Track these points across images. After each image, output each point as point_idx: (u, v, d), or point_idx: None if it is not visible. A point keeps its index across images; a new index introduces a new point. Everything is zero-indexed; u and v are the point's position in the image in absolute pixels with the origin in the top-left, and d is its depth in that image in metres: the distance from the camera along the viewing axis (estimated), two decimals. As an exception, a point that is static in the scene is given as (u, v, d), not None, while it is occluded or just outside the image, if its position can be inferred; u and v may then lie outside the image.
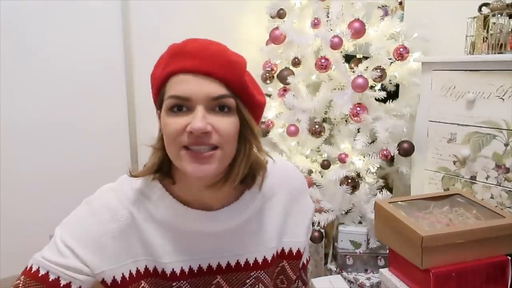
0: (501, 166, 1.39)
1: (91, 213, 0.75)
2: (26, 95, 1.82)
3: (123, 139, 2.12)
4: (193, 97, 0.67)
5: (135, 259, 0.75)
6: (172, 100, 0.68)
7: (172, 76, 0.69)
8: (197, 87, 0.67)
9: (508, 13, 1.42)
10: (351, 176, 1.70)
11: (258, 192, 0.80)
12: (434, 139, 1.59)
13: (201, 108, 0.66)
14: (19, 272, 0.81)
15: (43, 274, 0.73)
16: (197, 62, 0.68)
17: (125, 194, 0.77)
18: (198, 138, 0.65)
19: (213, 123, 0.66)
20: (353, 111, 1.72)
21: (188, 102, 0.67)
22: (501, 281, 1.22)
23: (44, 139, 1.89)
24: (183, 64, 0.68)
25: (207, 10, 2.31)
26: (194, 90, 0.67)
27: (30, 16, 1.80)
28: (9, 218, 1.82)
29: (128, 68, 2.07)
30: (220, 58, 0.69)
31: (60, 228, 0.77)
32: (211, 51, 0.70)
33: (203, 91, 0.67)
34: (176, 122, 0.67)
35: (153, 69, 0.76)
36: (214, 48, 0.71)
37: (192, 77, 0.67)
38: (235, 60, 0.71)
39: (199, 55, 0.69)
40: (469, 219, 1.29)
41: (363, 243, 1.78)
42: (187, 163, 0.66)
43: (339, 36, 1.72)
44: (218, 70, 0.68)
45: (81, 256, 0.72)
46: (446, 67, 1.53)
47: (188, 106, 0.67)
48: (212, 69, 0.68)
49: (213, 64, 0.68)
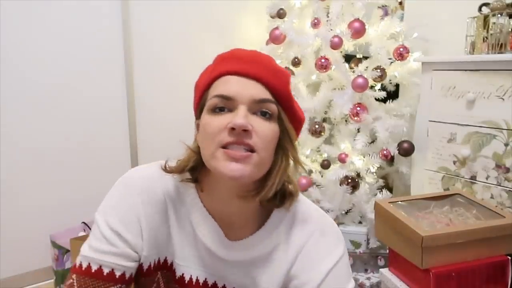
0: (501, 166, 1.39)
1: (130, 193, 0.73)
2: (25, 96, 1.82)
3: (123, 138, 2.12)
4: (237, 97, 0.66)
5: (159, 250, 0.75)
6: (215, 99, 0.67)
7: (219, 78, 0.69)
8: (242, 87, 0.67)
9: (508, 13, 1.42)
10: (351, 176, 1.70)
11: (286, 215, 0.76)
12: (434, 139, 1.59)
13: (244, 107, 0.66)
14: (19, 272, 0.80)
15: (96, 269, 0.70)
16: (244, 65, 0.69)
17: (166, 185, 0.75)
18: (238, 136, 0.64)
19: (253, 125, 0.65)
20: (353, 111, 1.72)
21: (231, 102, 0.66)
22: (501, 281, 1.22)
23: (44, 140, 1.89)
24: (230, 67, 0.69)
25: (207, 10, 2.31)
26: (238, 90, 0.67)
27: (30, 17, 1.80)
28: (9, 218, 1.82)
29: (128, 68, 2.07)
30: (268, 64, 0.70)
31: (101, 212, 0.73)
32: (259, 57, 0.71)
33: (248, 92, 0.67)
34: (217, 120, 0.66)
35: (198, 79, 0.75)
36: (262, 56, 0.72)
37: (238, 78, 0.68)
38: (281, 70, 0.72)
39: (246, 59, 0.70)
40: (469, 219, 1.29)
41: (363, 243, 1.78)
42: (222, 162, 0.64)
43: (339, 36, 1.73)
44: (264, 74, 0.68)
45: (129, 240, 0.71)
46: (446, 67, 1.53)
47: (231, 106, 0.67)
48: (259, 73, 0.68)
49: (260, 68, 0.69)
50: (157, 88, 2.18)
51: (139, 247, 0.72)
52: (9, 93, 1.78)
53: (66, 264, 1.78)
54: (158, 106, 2.18)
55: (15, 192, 1.83)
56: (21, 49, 1.80)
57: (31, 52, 1.82)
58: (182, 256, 0.75)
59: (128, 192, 0.73)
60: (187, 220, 0.75)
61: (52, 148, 1.91)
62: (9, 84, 1.78)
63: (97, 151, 2.03)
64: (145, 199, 0.73)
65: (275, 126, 0.69)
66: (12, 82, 1.79)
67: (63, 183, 1.95)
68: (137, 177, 0.76)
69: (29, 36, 1.81)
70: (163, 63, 2.20)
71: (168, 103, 2.21)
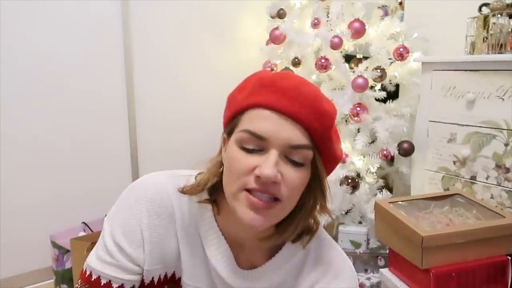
0: (501, 166, 1.39)
1: (136, 200, 0.69)
2: (26, 94, 1.82)
3: (123, 138, 2.12)
4: (271, 139, 0.60)
5: (166, 264, 0.72)
6: (247, 135, 0.61)
7: (255, 108, 0.62)
8: (279, 129, 0.60)
9: (508, 13, 1.42)
10: (351, 176, 1.70)
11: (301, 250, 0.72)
12: (434, 139, 1.59)
13: (275, 153, 0.60)
14: (19, 272, 0.81)
15: (95, 278, 0.69)
16: (286, 102, 0.61)
17: (178, 198, 0.71)
18: (265, 186, 0.59)
19: (283, 173, 0.60)
20: (353, 111, 1.72)
21: (263, 142, 0.61)
22: (501, 281, 1.22)
23: (44, 140, 1.89)
24: (270, 100, 0.61)
25: (207, 10, 2.31)
26: (274, 131, 0.60)
27: (31, 15, 1.80)
28: (9, 218, 1.82)
29: (128, 68, 2.07)
30: (313, 104, 0.62)
31: (109, 219, 0.71)
32: (305, 94, 0.62)
33: (284, 136, 0.60)
34: (245, 161, 0.61)
35: (235, 90, 0.69)
36: (308, 91, 0.63)
37: (276, 116, 0.61)
38: (327, 110, 0.64)
39: (290, 94, 0.62)
40: (469, 219, 1.29)
41: (363, 243, 1.78)
42: (243, 208, 0.61)
43: (339, 36, 1.72)
44: (306, 116, 0.61)
45: (129, 253, 0.68)
46: (446, 67, 1.53)
47: (262, 146, 0.61)
48: (300, 114, 0.61)
49: (304, 108, 0.61)
50: (157, 88, 2.18)
51: (140, 261, 0.69)
52: (9, 93, 1.78)
53: (66, 264, 1.78)
54: (158, 106, 2.18)
55: (15, 192, 1.83)
56: (21, 49, 1.80)
57: (30, 52, 1.82)
58: (190, 275, 0.72)
59: (134, 199, 0.70)
60: (197, 239, 0.71)
61: (52, 148, 1.91)
62: (9, 84, 1.78)
63: (97, 152, 2.03)
64: (150, 208, 0.69)
65: (307, 172, 0.64)
66: (12, 82, 1.79)
67: (63, 183, 1.95)
68: (148, 183, 0.71)
69: (29, 35, 1.81)
70: (163, 63, 2.19)
71: (168, 102, 2.20)
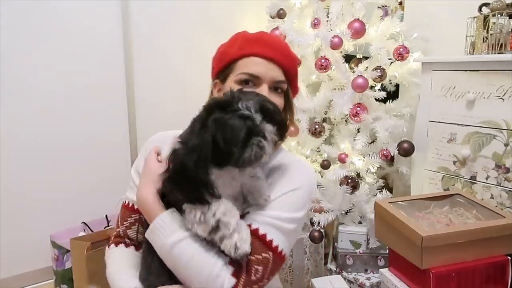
0: (501, 166, 1.39)
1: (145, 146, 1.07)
2: (26, 95, 1.82)
3: (123, 139, 2.12)
4: (263, 77, 0.93)
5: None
6: (245, 76, 0.93)
7: (247, 57, 0.93)
8: (267, 70, 0.93)
9: (508, 13, 1.42)
10: (351, 176, 1.70)
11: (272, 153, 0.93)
12: (434, 139, 1.59)
13: (266, 86, 0.93)
14: (19, 272, 0.83)
15: (123, 202, 1.04)
16: (271, 52, 0.93)
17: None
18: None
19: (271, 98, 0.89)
20: (353, 111, 1.72)
21: (256, 79, 0.93)
22: (501, 281, 1.22)
23: (45, 139, 1.89)
24: (260, 50, 0.93)
25: (207, 10, 2.31)
26: (264, 72, 0.93)
27: (30, 17, 1.80)
28: (9, 218, 1.82)
29: (128, 67, 2.07)
30: (287, 52, 0.98)
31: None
32: (282, 45, 0.98)
33: (271, 75, 0.94)
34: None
35: (223, 46, 1.00)
36: (283, 44, 1.00)
37: (265, 61, 0.93)
38: (295, 57, 1.01)
39: (273, 46, 0.95)
40: (469, 219, 1.29)
41: (363, 243, 1.78)
42: None
43: (339, 36, 1.72)
44: (284, 60, 0.95)
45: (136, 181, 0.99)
46: (446, 67, 1.53)
47: (255, 82, 0.93)
48: (280, 59, 0.94)
49: (282, 54, 0.95)
50: (157, 88, 2.18)
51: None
52: (9, 93, 1.78)
53: (66, 264, 1.78)
54: (158, 107, 2.18)
55: (15, 192, 1.84)
56: (22, 48, 1.80)
57: (30, 53, 1.82)
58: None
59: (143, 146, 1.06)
60: None
61: (52, 148, 1.91)
62: (9, 84, 1.78)
63: (98, 152, 2.03)
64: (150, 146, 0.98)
65: (283, 99, 0.98)
66: (12, 82, 1.79)
67: (63, 183, 1.95)
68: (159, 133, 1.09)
69: (29, 31, 1.81)
70: (163, 63, 2.20)
71: (168, 103, 2.21)
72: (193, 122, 0.81)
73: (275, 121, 0.81)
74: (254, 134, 0.77)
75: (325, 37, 1.75)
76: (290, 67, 0.97)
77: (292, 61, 0.99)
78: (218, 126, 0.75)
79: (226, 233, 0.77)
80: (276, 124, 0.81)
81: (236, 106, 0.77)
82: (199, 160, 0.75)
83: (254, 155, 0.77)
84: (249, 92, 0.85)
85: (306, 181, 0.94)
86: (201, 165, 0.76)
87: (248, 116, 0.76)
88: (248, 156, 0.77)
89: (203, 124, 0.77)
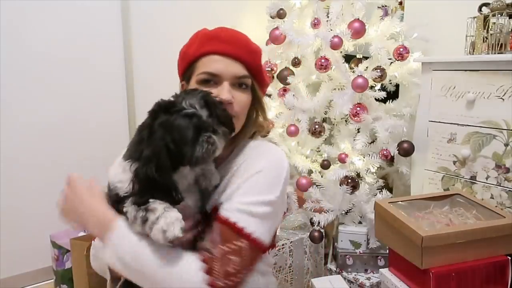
0: (501, 166, 1.39)
1: None
2: (26, 96, 1.82)
3: (125, 138, 2.12)
4: (222, 74, 0.89)
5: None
6: (204, 75, 0.89)
7: (206, 55, 0.90)
8: (226, 67, 0.89)
9: (508, 13, 1.42)
10: (351, 176, 1.70)
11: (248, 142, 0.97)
12: (434, 139, 1.59)
13: (227, 83, 0.89)
14: (19, 272, 0.83)
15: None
16: (229, 47, 0.90)
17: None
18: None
19: (234, 96, 0.89)
20: (353, 111, 1.72)
21: (217, 78, 0.89)
22: (501, 281, 1.22)
23: (45, 139, 1.89)
24: (217, 47, 0.89)
25: (207, 10, 2.31)
26: (224, 69, 0.89)
27: (30, 17, 1.80)
28: (9, 218, 1.82)
29: (128, 67, 2.08)
30: (246, 46, 0.94)
31: None
32: (240, 40, 0.93)
33: (231, 71, 0.90)
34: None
35: (184, 47, 0.97)
36: (242, 37, 0.95)
37: (224, 58, 0.89)
38: (256, 49, 0.97)
39: (231, 41, 0.91)
40: (469, 219, 1.28)
41: (363, 243, 1.78)
42: None
43: (339, 36, 1.72)
44: (243, 55, 0.91)
45: None
46: (446, 67, 1.53)
47: (216, 81, 0.89)
48: (239, 54, 0.90)
49: (240, 49, 0.91)
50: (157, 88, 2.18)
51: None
52: (9, 93, 1.78)
53: (66, 264, 1.78)
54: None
55: (15, 192, 1.84)
56: (21, 50, 1.80)
57: (30, 53, 1.82)
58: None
59: None
60: None
61: (53, 149, 1.91)
62: (9, 85, 1.78)
63: (98, 152, 2.03)
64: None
65: (249, 94, 0.94)
66: (12, 81, 1.79)
67: (63, 184, 1.95)
68: None
69: (29, 36, 1.81)
70: (163, 63, 2.19)
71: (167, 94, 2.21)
72: (139, 130, 0.79)
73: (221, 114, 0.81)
74: (203, 131, 0.76)
75: (325, 37, 1.75)
76: (251, 60, 0.93)
77: (253, 53, 0.94)
78: (165, 129, 0.74)
79: (153, 219, 0.74)
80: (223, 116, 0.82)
81: (180, 106, 0.76)
82: (160, 168, 0.74)
83: (205, 151, 0.76)
84: (192, 90, 0.84)
85: (269, 163, 0.90)
86: (163, 171, 0.74)
87: (193, 113, 0.75)
88: (200, 153, 0.76)
89: (150, 130, 0.76)
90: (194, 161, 0.77)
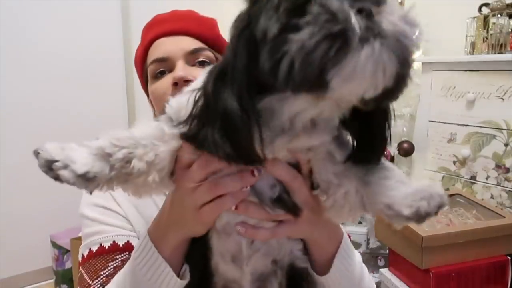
0: (501, 166, 1.39)
1: None
2: (26, 94, 1.82)
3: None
4: (171, 55, 0.70)
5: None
6: (152, 66, 0.72)
7: (149, 47, 0.74)
8: (173, 45, 0.71)
9: (508, 13, 1.42)
10: (351, 176, 1.70)
11: None
12: (434, 139, 1.59)
13: (181, 62, 0.70)
14: (19, 272, 0.81)
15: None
16: (169, 25, 0.74)
17: None
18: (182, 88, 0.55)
19: (194, 75, 0.66)
20: (353, 111, 1.72)
21: (168, 62, 0.71)
22: (501, 281, 1.22)
23: (45, 139, 1.89)
24: (156, 31, 0.74)
25: (207, 11, 2.31)
26: (171, 49, 0.71)
27: (30, 17, 1.80)
28: (9, 218, 1.82)
29: (128, 66, 2.08)
30: (191, 17, 0.77)
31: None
32: (181, 14, 0.77)
33: (179, 47, 0.71)
34: (160, 83, 0.70)
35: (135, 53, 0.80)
36: (183, 12, 0.78)
37: (167, 38, 0.73)
38: (205, 18, 0.79)
39: (170, 19, 0.75)
40: (469, 219, 1.29)
41: (363, 243, 1.78)
42: None
43: (339, 36, 1.72)
44: (189, 26, 0.74)
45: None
46: (446, 67, 1.53)
47: (170, 66, 0.71)
48: (184, 27, 0.73)
49: (185, 22, 0.74)
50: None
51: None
52: (9, 93, 1.78)
53: (66, 264, 1.78)
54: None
55: (15, 193, 1.83)
56: (21, 50, 1.80)
57: (30, 53, 1.82)
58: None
59: None
60: None
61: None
62: (10, 84, 1.78)
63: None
64: None
65: None
66: (11, 81, 1.79)
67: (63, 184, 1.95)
68: None
69: (29, 36, 1.81)
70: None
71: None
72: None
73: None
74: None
75: (325, 37, 1.75)
76: (204, 31, 0.75)
77: (204, 23, 0.77)
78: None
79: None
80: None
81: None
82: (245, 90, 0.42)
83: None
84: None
85: None
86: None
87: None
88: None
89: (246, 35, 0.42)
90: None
